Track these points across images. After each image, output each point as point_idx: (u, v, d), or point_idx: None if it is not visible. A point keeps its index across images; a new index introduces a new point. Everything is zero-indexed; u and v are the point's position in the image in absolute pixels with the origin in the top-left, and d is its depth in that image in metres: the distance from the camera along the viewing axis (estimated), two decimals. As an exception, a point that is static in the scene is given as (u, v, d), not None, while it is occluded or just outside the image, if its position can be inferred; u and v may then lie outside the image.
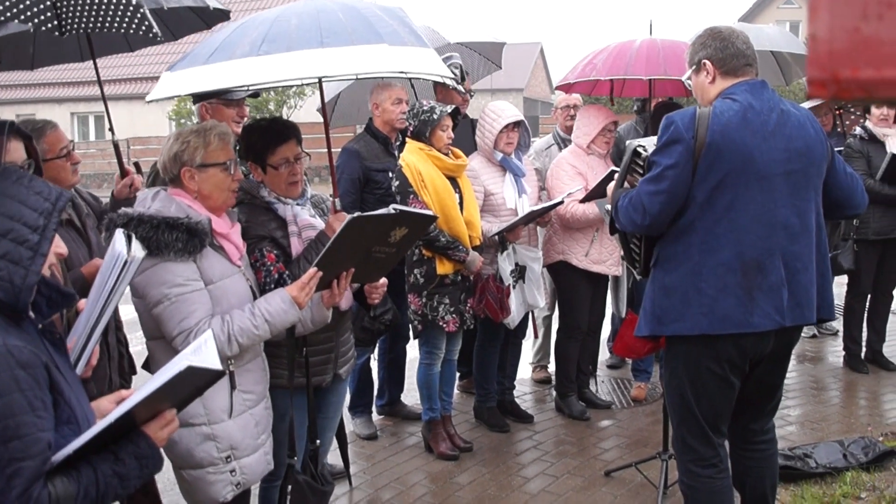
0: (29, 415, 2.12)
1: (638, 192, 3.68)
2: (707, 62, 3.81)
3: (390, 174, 5.89)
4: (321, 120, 4.47)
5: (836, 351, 8.14)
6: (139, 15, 3.32)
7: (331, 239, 3.51)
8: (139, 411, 2.31)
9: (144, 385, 2.38)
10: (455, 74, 4.78)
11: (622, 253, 4.34)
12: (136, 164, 4.72)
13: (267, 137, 3.91)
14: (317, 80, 4.01)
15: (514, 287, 5.98)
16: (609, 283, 6.80)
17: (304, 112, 20.95)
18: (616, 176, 4.18)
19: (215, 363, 2.39)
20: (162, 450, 2.45)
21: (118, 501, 4.19)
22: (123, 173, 4.66)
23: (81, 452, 2.19)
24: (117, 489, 2.28)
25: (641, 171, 3.92)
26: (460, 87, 5.45)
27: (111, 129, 4.95)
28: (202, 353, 2.45)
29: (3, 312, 2.21)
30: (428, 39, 6.63)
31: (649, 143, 3.97)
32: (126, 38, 5.28)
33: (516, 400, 6.80)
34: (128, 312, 3.65)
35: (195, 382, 2.43)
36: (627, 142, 4.16)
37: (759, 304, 3.62)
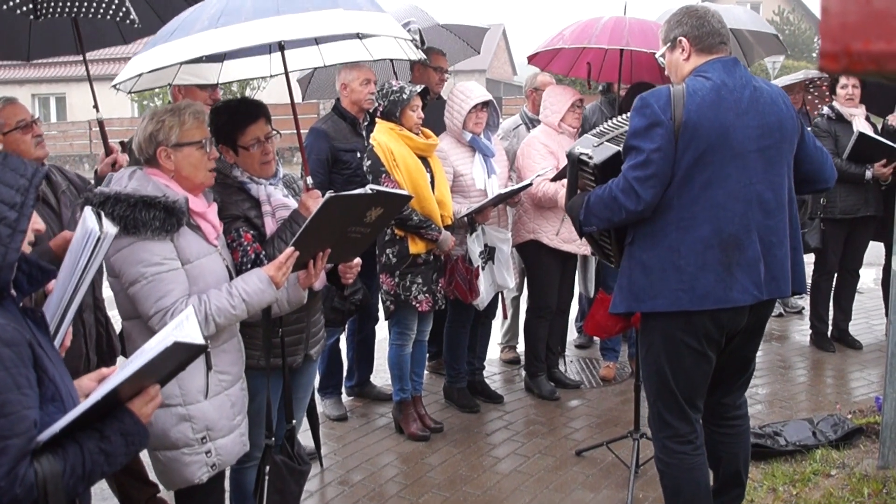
0: (14, 392, 2.10)
1: (626, 180, 3.63)
2: (683, 39, 3.81)
3: (358, 154, 5.86)
4: (285, 101, 4.45)
5: (802, 330, 8.22)
6: (116, 1, 3.27)
7: (308, 218, 3.49)
8: (124, 388, 2.30)
9: (129, 362, 2.35)
10: (414, 38, 4.76)
11: (592, 251, 4.33)
12: (122, 143, 4.67)
13: (235, 118, 3.88)
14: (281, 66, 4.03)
15: (483, 268, 5.96)
16: (577, 263, 6.81)
17: (267, 93, 20.84)
18: (565, 185, 4.16)
19: (198, 338, 2.38)
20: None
21: (105, 481, 4.15)
22: (108, 151, 4.61)
23: (67, 430, 2.18)
24: (104, 467, 2.27)
25: (592, 177, 3.91)
26: (420, 53, 5.38)
27: (96, 107, 4.94)
28: (184, 328, 2.44)
29: None
30: (417, 19, 6.63)
31: (588, 148, 3.96)
32: (119, 30, 5.26)
33: (486, 380, 6.80)
34: (108, 287, 3.61)
35: (179, 358, 2.42)
36: (566, 151, 4.15)
37: (738, 279, 3.64)
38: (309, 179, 4.13)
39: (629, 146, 3.69)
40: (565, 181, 5.92)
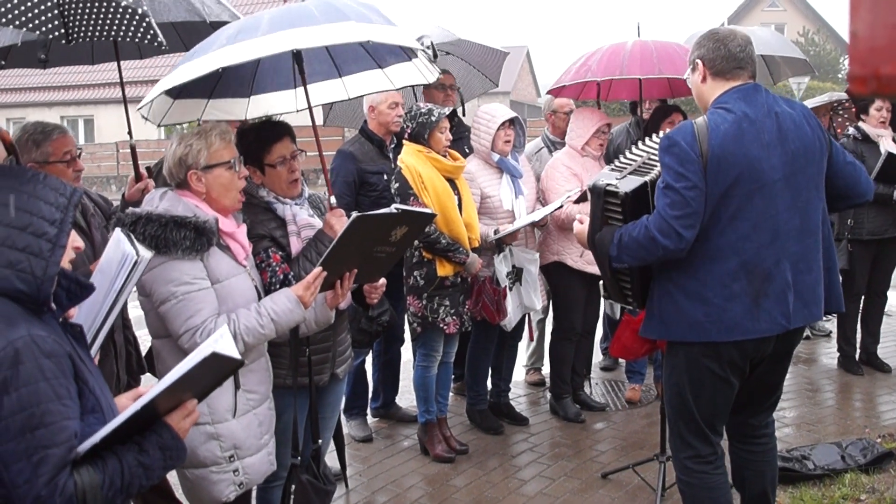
0: (54, 403, 2.16)
1: (663, 219, 3.58)
2: (699, 62, 3.82)
3: (385, 177, 5.88)
4: (307, 123, 4.50)
5: (829, 353, 8.14)
6: (144, 24, 3.34)
7: (335, 238, 3.53)
8: (162, 401, 2.35)
9: (167, 375, 2.39)
10: (426, 52, 4.75)
11: (606, 293, 4.27)
12: (149, 169, 4.73)
13: (261, 137, 3.94)
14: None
15: (510, 289, 5.96)
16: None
17: (292, 116, 21.02)
18: (587, 220, 4.10)
19: (235, 352, 2.42)
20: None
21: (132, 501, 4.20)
22: (138, 177, 4.68)
23: (106, 443, 2.23)
24: (142, 479, 2.31)
25: (619, 208, 3.86)
26: (436, 70, 5.26)
27: (129, 133, 5.02)
28: (220, 343, 2.47)
29: (25, 305, 2.26)
30: (438, 36, 6.65)
31: (612, 179, 3.93)
32: (138, 46, 5.35)
33: (511, 402, 6.78)
34: (136, 307, 3.65)
35: (216, 371, 2.46)
36: (589, 185, 4.08)
37: (766, 309, 3.63)
38: (332, 199, 4.17)
39: (664, 185, 3.64)
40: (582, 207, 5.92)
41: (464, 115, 6.83)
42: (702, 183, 3.55)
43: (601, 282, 4.34)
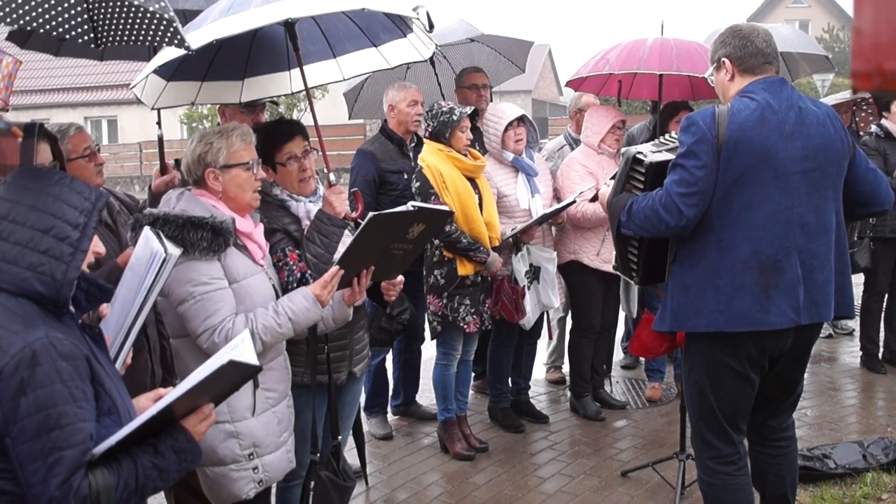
0: (70, 405, 2.18)
1: (668, 195, 3.63)
2: (726, 60, 3.81)
3: (405, 175, 5.89)
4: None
5: (852, 351, 8.11)
6: (171, 30, 3.38)
7: (353, 237, 3.54)
8: (179, 405, 2.37)
9: (185, 380, 2.41)
10: (421, 20, 4.72)
11: (615, 263, 4.28)
12: (177, 161, 4.78)
13: (273, 136, 3.97)
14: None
15: (528, 288, 5.96)
16: (620, 283, 6.77)
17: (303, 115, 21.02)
18: (612, 183, 4.13)
19: (253, 359, 2.45)
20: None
21: (165, 499, 4.24)
22: (164, 170, 4.72)
23: (122, 445, 2.25)
24: (156, 482, 2.34)
25: (642, 177, 3.90)
26: (432, 45, 5.16)
27: (158, 123, 5.05)
28: (240, 349, 2.49)
29: (44, 307, 2.29)
30: (465, 31, 6.64)
31: (647, 150, 3.96)
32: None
33: (531, 400, 6.79)
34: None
35: (234, 377, 2.48)
36: (624, 149, 4.13)
37: (776, 302, 3.61)
38: (332, 176, 4.19)
39: (674, 163, 3.69)
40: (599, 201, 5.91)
41: (491, 100, 6.83)
42: (713, 164, 3.56)
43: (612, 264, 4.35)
